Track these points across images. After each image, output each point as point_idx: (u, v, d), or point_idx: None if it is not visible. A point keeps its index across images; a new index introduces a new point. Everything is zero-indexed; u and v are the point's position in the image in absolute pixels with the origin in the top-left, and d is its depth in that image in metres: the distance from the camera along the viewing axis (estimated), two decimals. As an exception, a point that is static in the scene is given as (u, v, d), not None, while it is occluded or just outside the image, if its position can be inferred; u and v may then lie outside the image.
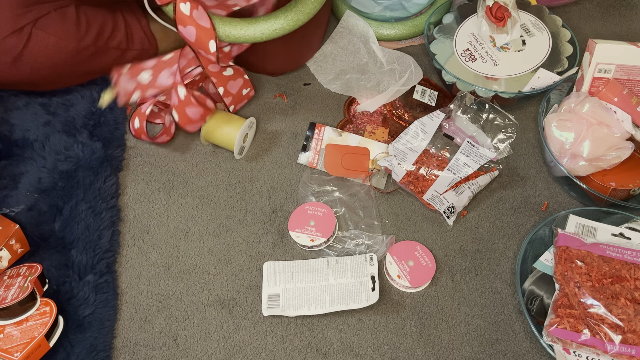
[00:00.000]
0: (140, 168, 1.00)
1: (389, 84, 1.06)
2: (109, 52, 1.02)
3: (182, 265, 0.90)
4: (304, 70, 1.13)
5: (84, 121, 1.03)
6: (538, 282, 0.84)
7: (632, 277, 0.80)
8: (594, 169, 0.91)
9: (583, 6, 1.25)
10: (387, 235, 0.92)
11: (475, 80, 1.04)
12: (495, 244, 0.92)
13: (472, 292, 0.88)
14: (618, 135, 0.90)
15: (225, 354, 0.82)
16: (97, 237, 0.90)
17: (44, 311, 0.80)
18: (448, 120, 0.99)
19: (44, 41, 0.95)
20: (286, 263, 0.89)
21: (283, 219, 0.94)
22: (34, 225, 0.91)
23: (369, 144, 1.00)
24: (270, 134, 1.04)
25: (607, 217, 0.90)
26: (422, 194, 0.94)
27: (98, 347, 0.81)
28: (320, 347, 0.83)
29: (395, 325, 0.84)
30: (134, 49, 1.05)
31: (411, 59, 1.09)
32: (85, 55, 1.00)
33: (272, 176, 0.99)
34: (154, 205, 0.96)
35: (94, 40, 0.99)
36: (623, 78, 0.96)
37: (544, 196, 0.97)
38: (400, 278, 0.86)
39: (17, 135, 1.01)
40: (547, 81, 1.00)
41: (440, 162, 0.96)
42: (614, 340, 0.75)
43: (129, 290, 0.87)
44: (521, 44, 1.06)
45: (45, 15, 0.96)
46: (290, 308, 0.84)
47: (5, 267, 0.85)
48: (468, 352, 0.82)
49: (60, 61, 0.97)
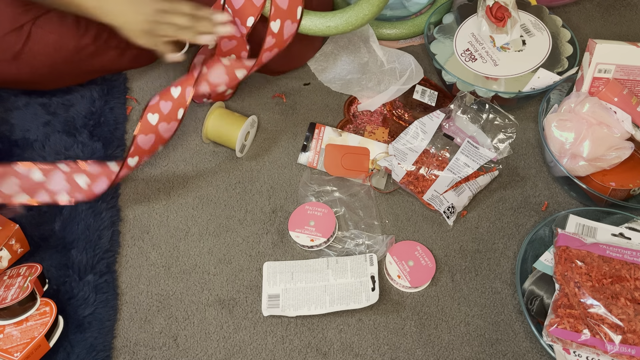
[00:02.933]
0: (140, 168, 1.00)
1: (389, 83, 1.06)
2: (108, 52, 1.02)
3: (182, 265, 0.90)
4: (304, 70, 1.13)
5: (84, 121, 1.03)
6: (538, 282, 0.84)
7: (632, 277, 0.80)
8: (594, 169, 0.91)
9: (583, 6, 1.25)
10: (387, 235, 0.92)
11: (475, 80, 1.04)
12: (495, 244, 0.92)
13: (472, 292, 0.88)
14: (618, 135, 0.90)
15: (225, 354, 0.82)
16: (97, 237, 0.90)
17: (44, 311, 0.80)
18: (448, 120, 0.99)
19: (43, 39, 0.95)
20: (286, 263, 0.89)
21: (283, 219, 0.94)
22: (34, 225, 0.91)
23: (369, 144, 1.00)
24: (270, 133, 1.04)
25: (607, 217, 0.90)
26: (422, 194, 0.94)
27: (98, 347, 0.81)
28: (320, 347, 0.83)
29: (395, 325, 0.84)
30: (133, 48, 1.05)
31: (412, 57, 1.09)
32: (84, 54, 1.00)
33: (272, 176, 0.99)
34: (154, 205, 0.96)
35: (93, 39, 0.99)
36: (623, 78, 0.96)
37: (544, 196, 0.97)
38: (400, 278, 0.86)
39: (17, 135, 1.01)
40: (547, 81, 1.00)
41: (440, 162, 0.96)
42: (614, 340, 0.75)
43: (129, 290, 0.87)
44: (521, 44, 1.06)
45: (45, 14, 0.96)
46: (290, 308, 0.84)
47: (5, 267, 0.85)
48: (468, 352, 0.82)
49: (59, 59, 0.97)
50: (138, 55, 1.07)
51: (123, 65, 1.07)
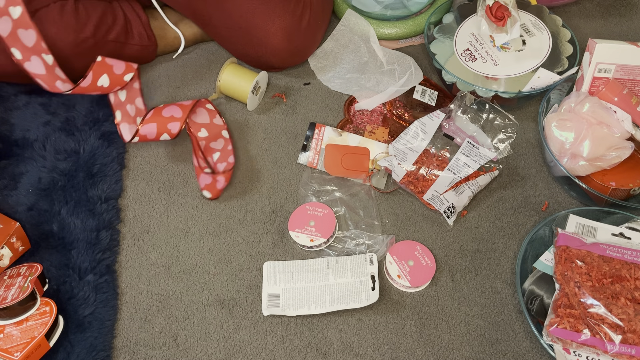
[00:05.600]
0: (140, 168, 1.00)
1: (388, 84, 1.06)
2: (107, 46, 1.02)
3: (182, 265, 0.90)
4: (304, 70, 1.13)
5: (84, 121, 1.03)
6: (538, 282, 0.84)
7: (632, 277, 0.80)
8: (594, 169, 0.91)
9: (583, 6, 1.25)
10: (387, 235, 0.92)
11: (475, 80, 1.04)
12: (495, 244, 0.92)
13: (472, 292, 0.88)
14: (618, 135, 0.90)
15: (225, 354, 0.82)
16: (97, 236, 0.90)
17: (44, 311, 0.80)
18: (448, 120, 0.99)
19: (42, 32, 0.95)
20: (286, 263, 0.89)
21: (283, 219, 0.94)
22: (34, 225, 0.91)
23: (369, 144, 1.00)
24: (270, 133, 1.04)
25: (607, 217, 0.90)
26: (422, 194, 0.94)
27: (98, 347, 0.81)
28: (320, 347, 0.83)
29: (395, 325, 0.85)
30: (133, 43, 1.06)
31: (412, 60, 1.09)
32: (84, 48, 1.00)
33: (272, 176, 0.99)
34: (154, 205, 0.96)
35: (93, 33, 0.99)
36: (623, 78, 0.96)
37: (544, 196, 0.97)
38: (400, 278, 0.86)
39: (17, 135, 1.01)
40: (547, 81, 0.99)
41: (440, 162, 0.96)
42: (614, 340, 0.75)
43: (129, 290, 0.87)
44: (521, 44, 1.06)
45: (45, 7, 0.96)
46: (290, 308, 0.84)
47: (7, 265, 0.85)
48: (468, 352, 0.83)
49: (59, 53, 0.97)
50: (137, 51, 1.07)
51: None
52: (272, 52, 1.04)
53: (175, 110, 0.95)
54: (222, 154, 0.98)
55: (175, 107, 0.96)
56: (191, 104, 0.96)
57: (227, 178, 0.95)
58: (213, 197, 0.95)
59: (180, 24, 1.11)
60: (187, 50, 1.15)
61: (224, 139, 1.00)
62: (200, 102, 0.99)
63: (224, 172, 0.94)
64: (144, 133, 0.95)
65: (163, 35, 1.10)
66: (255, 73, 1.04)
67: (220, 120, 1.01)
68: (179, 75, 1.12)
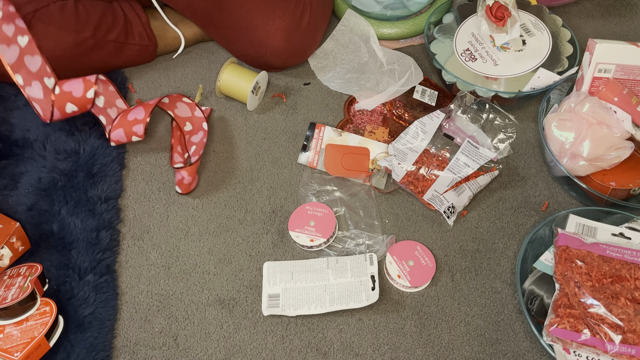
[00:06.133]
0: (140, 168, 1.00)
1: (387, 84, 1.06)
2: (107, 46, 1.02)
3: (182, 265, 0.90)
4: (304, 70, 1.13)
5: (84, 121, 1.03)
6: (538, 282, 0.84)
7: (632, 277, 0.80)
8: (594, 169, 0.91)
9: (583, 6, 1.25)
10: (387, 235, 0.92)
11: (475, 80, 1.04)
12: (495, 244, 0.92)
13: (472, 292, 0.88)
14: (618, 135, 0.90)
15: (225, 354, 0.82)
16: (96, 236, 0.90)
17: (44, 311, 0.80)
18: (448, 120, 0.99)
19: (43, 32, 0.95)
20: (286, 263, 0.89)
21: (283, 219, 0.94)
22: (34, 225, 0.91)
23: (369, 144, 1.00)
24: (270, 133, 1.04)
25: (607, 217, 0.90)
26: (422, 194, 0.94)
27: (98, 347, 0.81)
28: (320, 347, 0.83)
29: (395, 325, 0.85)
30: (133, 43, 1.06)
31: (412, 60, 1.09)
32: (84, 48, 1.00)
33: (272, 176, 0.99)
34: (154, 205, 0.96)
35: (93, 33, 1.00)
36: (623, 78, 0.96)
37: (544, 196, 0.97)
38: (400, 278, 0.86)
39: (17, 135, 1.01)
40: (547, 81, 0.99)
41: (440, 162, 0.96)
42: (614, 340, 0.75)
43: (129, 290, 0.87)
44: (521, 44, 1.06)
45: (45, 7, 0.96)
46: (290, 308, 0.84)
47: (7, 265, 0.85)
48: (468, 352, 0.83)
49: (59, 53, 0.98)
50: (137, 51, 1.07)
51: (122, 61, 1.08)
52: (272, 52, 1.04)
53: (138, 112, 0.96)
54: (197, 148, 0.99)
55: (139, 108, 0.97)
56: (154, 103, 0.96)
57: (190, 172, 0.94)
58: (183, 192, 0.95)
59: (180, 24, 1.11)
60: (187, 50, 1.15)
61: (203, 131, 1.00)
62: (174, 97, 0.99)
63: (186, 167, 0.93)
64: (116, 138, 0.97)
65: (163, 35, 1.10)
66: (255, 73, 1.04)
67: (200, 113, 1.01)
68: (179, 75, 1.12)
